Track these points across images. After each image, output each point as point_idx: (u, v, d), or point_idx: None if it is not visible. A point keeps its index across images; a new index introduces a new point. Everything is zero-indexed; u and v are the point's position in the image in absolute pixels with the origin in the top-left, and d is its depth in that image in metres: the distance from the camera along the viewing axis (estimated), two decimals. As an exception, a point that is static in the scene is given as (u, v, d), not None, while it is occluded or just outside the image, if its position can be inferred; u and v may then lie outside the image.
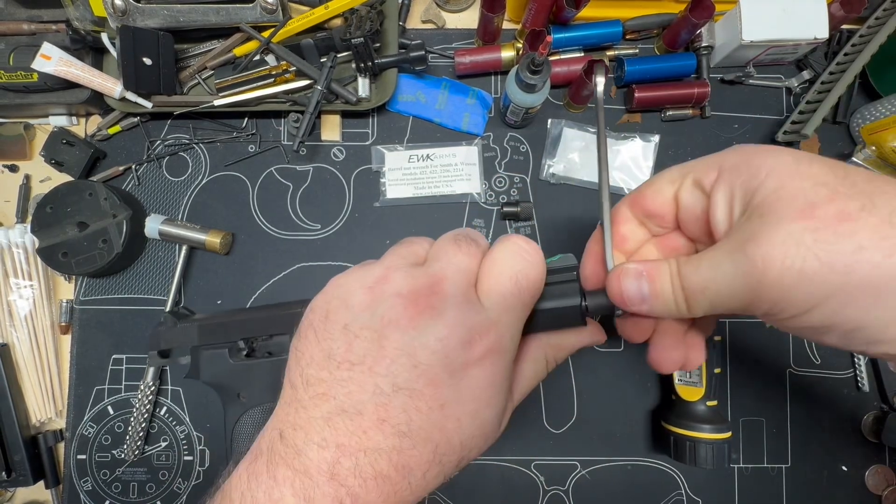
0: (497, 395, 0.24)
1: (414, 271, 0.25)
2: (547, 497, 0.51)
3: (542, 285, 0.26)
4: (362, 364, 0.23)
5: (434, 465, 0.23)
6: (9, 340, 0.51)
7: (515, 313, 0.25)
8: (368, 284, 0.25)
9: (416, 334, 0.23)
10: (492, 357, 0.24)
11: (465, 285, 0.25)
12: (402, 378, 0.23)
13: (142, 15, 0.47)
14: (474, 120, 0.54)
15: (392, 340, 0.23)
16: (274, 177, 0.54)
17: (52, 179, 0.54)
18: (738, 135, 0.54)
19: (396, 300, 0.24)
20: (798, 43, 0.50)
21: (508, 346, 0.24)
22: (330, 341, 0.24)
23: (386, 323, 0.23)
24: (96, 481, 0.50)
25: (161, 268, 0.53)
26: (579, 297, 0.27)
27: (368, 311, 0.24)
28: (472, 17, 0.56)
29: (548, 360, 0.29)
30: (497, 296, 0.24)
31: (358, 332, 0.24)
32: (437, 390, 0.23)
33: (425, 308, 0.23)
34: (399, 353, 0.23)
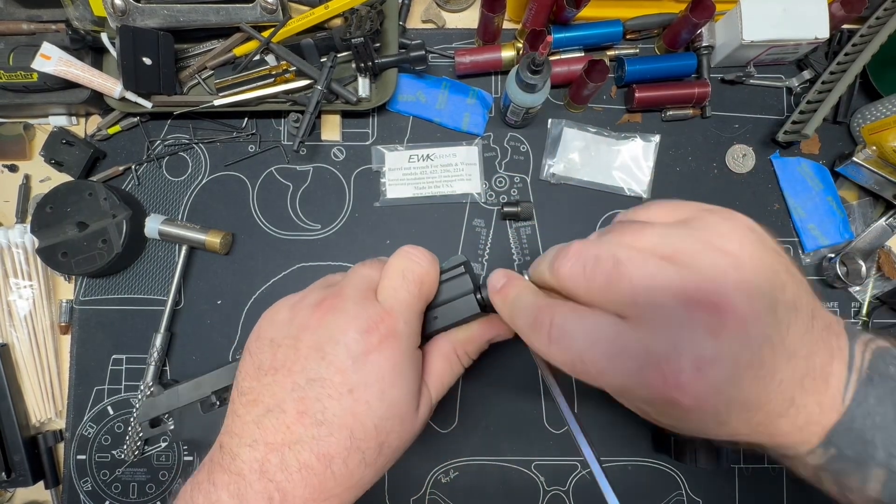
0: (401, 377, 0.27)
1: (327, 287, 0.30)
2: (547, 497, 0.51)
3: (431, 279, 0.30)
4: (283, 367, 0.26)
5: (353, 451, 0.26)
6: (9, 340, 0.51)
7: (407, 303, 0.28)
8: (290, 304, 0.29)
9: (322, 331, 0.27)
10: (389, 341, 0.27)
11: (364, 288, 0.29)
12: (313, 370, 0.26)
13: (142, 15, 0.47)
14: (474, 120, 0.54)
15: (305, 341, 0.27)
16: (274, 177, 0.54)
17: (51, 179, 0.54)
18: (739, 134, 0.54)
19: (309, 309, 0.28)
20: (798, 43, 0.50)
21: (404, 331, 0.27)
22: (259, 354, 0.28)
23: (301, 328, 0.27)
24: (96, 482, 0.50)
25: (161, 268, 0.53)
26: (471, 286, 0.31)
27: (289, 323, 0.28)
28: (473, 17, 0.56)
29: (459, 355, 0.32)
30: (388, 290, 0.28)
31: (281, 342, 0.27)
32: (344, 376, 0.26)
33: (328, 309, 0.27)
34: (310, 350, 0.26)
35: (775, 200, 0.54)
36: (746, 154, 0.54)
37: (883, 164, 0.50)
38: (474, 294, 0.31)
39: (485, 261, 0.53)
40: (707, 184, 0.54)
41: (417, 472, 0.51)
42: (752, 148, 0.54)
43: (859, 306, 0.53)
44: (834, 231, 0.53)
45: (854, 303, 0.53)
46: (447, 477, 0.51)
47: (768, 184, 0.54)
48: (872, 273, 0.53)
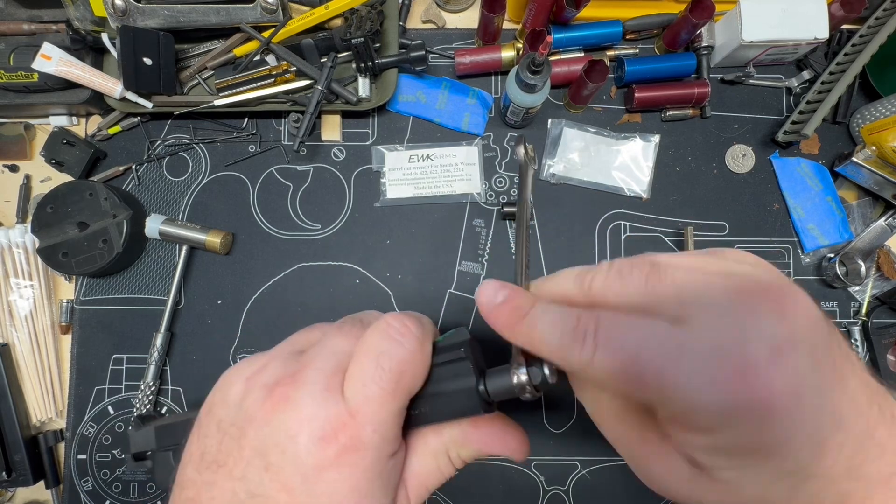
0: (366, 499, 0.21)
1: (289, 359, 0.23)
2: (547, 497, 0.51)
3: (416, 367, 0.22)
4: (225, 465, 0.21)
5: None
6: (9, 340, 0.51)
7: (378, 401, 0.21)
8: (247, 375, 0.23)
9: (269, 431, 0.21)
10: (349, 456, 0.20)
11: (329, 372, 0.22)
12: (254, 483, 0.20)
13: (142, 15, 0.47)
14: (474, 120, 0.54)
15: (249, 439, 0.21)
16: (274, 177, 0.54)
17: (52, 179, 0.54)
18: (739, 134, 0.54)
19: (260, 392, 0.22)
20: (798, 43, 0.50)
21: (372, 441, 0.21)
22: (206, 439, 0.22)
23: (247, 418, 0.21)
24: (97, 481, 0.50)
25: (161, 268, 0.53)
26: (472, 377, 0.23)
27: (239, 405, 0.22)
28: (473, 17, 0.56)
29: (451, 457, 0.26)
30: (357, 382, 0.21)
31: (227, 430, 0.22)
32: (290, 496, 0.20)
33: (280, 400, 0.21)
34: (253, 454, 0.21)
35: (775, 200, 0.54)
36: (746, 154, 0.54)
37: (882, 164, 0.50)
38: (476, 388, 0.23)
39: (485, 261, 0.53)
40: (707, 184, 0.54)
41: (417, 471, 0.51)
42: (752, 148, 0.54)
43: (859, 306, 0.53)
44: (833, 231, 0.53)
45: (853, 303, 0.53)
46: (447, 476, 0.51)
47: (768, 184, 0.54)
48: (872, 273, 0.53)
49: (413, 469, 0.25)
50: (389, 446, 0.22)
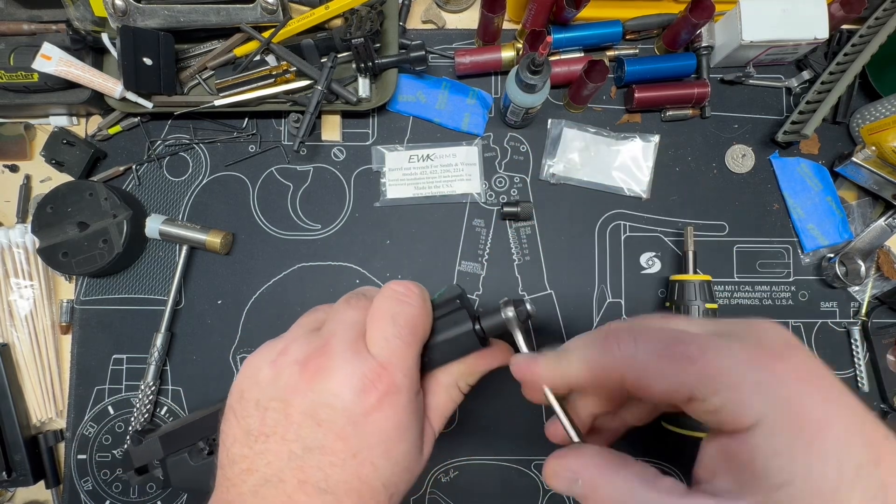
0: (406, 432, 0.25)
1: (310, 337, 0.27)
2: (547, 497, 0.51)
3: (425, 320, 0.27)
4: (275, 434, 0.24)
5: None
6: (9, 340, 0.51)
7: (402, 352, 0.25)
8: (272, 359, 0.26)
9: (314, 395, 0.24)
10: (389, 398, 0.24)
11: (352, 338, 0.26)
12: (310, 438, 0.24)
13: (142, 15, 0.47)
14: (474, 120, 0.54)
15: (295, 406, 0.24)
16: (274, 177, 0.54)
17: (52, 179, 0.54)
18: (738, 134, 0.54)
19: (294, 367, 0.25)
20: (798, 43, 0.50)
21: (404, 384, 0.25)
22: (247, 418, 0.25)
23: (289, 391, 0.25)
24: (97, 481, 0.50)
25: (161, 268, 0.53)
26: (469, 321, 0.28)
27: (273, 383, 0.25)
28: (473, 18, 0.56)
29: (460, 386, 0.30)
30: (381, 340, 0.25)
31: (268, 405, 0.25)
32: (345, 442, 0.24)
33: (317, 369, 0.25)
34: (303, 417, 0.24)
35: (775, 200, 0.54)
36: (746, 154, 0.54)
37: (882, 164, 0.50)
38: (473, 329, 0.28)
39: (485, 261, 0.53)
40: (706, 184, 0.54)
41: (417, 471, 0.51)
42: (752, 148, 0.54)
43: (858, 306, 0.53)
44: (833, 231, 0.53)
45: (853, 303, 0.53)
46: (447, 476, 0.51)
47: (768, 184, 0.54)
48: (872, 273, 0.53)
49: (431, 404, 0.29)
50: (415, 386, 0.26)
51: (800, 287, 0.53)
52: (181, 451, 0.41)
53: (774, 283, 0.53)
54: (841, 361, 0.52)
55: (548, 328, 0.52)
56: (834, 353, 0.52)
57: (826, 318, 0.53)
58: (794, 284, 0.53)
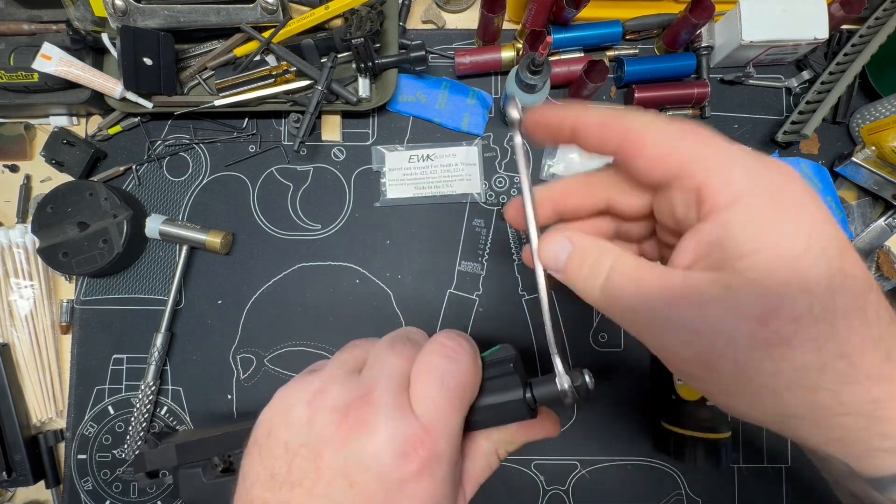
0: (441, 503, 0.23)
1: (349, 381, 0.24)
2: (547, 497, 0.51)
3: (474, 382, 0.25)
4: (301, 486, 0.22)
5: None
6: (9, 340, 0.51)
7: (448, 416, 0.23)
8: (307, 398, 0.24)
9: (350, 452, 0.22)
10: (430, 468, 0.22)
11: (397, 392, 0.23)
12: (339, 499, 0.22)
13: (142, 15, 0.47)
14: (474, 120, 0.54)
15: (327, 460, 0.22)
16: (274, 177, 0.54)
17: (52, 179, 0.54)
18: (739, 135, 0.54)
19: (331, 415, 0.23)
20: (798, 43, 0.50)
21: (446, 452, 0.23)
22: (272, 460, 0.23)
23: (322, 441, 0.23)
24: (97, 481, 0.50)
25: (161, 268, 0.53)
26: (521, 389, 0.26)
27: (307, 427, 0.23)
28: (473, 18, 0.56)
29: (499, 454, 0.29)
30: (427, 400, 0.23)
31: (297, 451, 0.23)
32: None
33: (357, 423, 0.22)
34: (335, 474, 0.22)
35: (775, 200, 0.54)
36: (746, 154, 0.54)
37: (882, 164, 0.50)
38: (523, 398, 0.26)
39: (485, 261, 0.53)
40: (706, 184, 0.54)
41: (417, 471, 0.51)
42: (752, 148, 0.54)
43: (858, 306, 0.53)
44: (833, 231, 0.53)
45: (853, 303, 0.53)
46: (447, 476, 0.51)
47: (768, 184, 0.54)
48: (871, 273, 0.53)
49: (468, 471, 0.27)
50: (457, 455, 0.24)
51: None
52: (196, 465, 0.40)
53: (774, 283, 0.53)
54: (841, 361, 0.52)
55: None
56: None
57: (826, 318, 0.53)
58: (794, 284, 0.53)
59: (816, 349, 0.17)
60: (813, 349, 0.17)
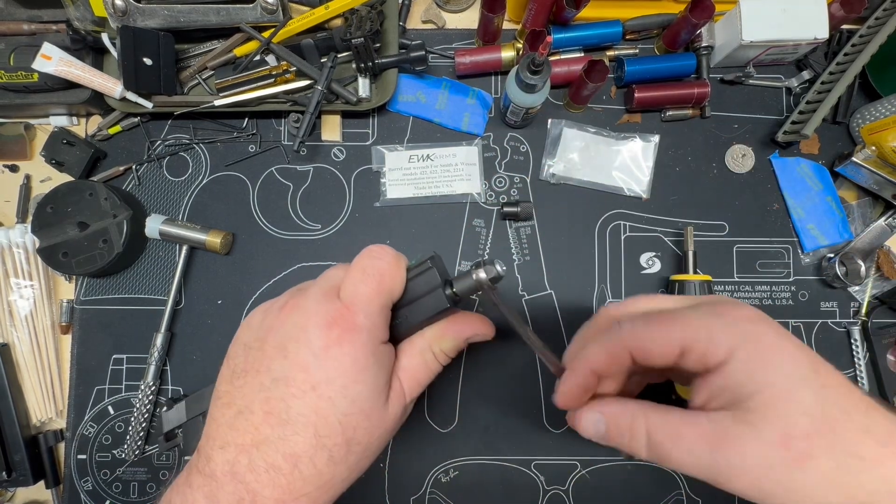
0: (364, 371, 0.26)
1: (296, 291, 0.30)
2: (547, 497, 0.51)
3: (392, 273, 0.29)
4: (252, 369, 0.27)
5: (319, 449, 0.25)
6: (9, 340, 0.51)
7: (367, 297, 0.27)
8: (264, 308, 0.29)
9: (285, 330, 0.27)
10: (349, 335, 0.26)
11: (327, 288, 0.28)
12: (278, 370, 0.26)
13: (142, 15, 0.47)
14: (474, 120, 0.54)
15: (269, 342, 0.27)
16: (274, 177, 0.54)
17: (52, 179, 0.54)
18: (738, 134, 0.54)
19: (276, 311, 0.28)
20: (798, 43, 0.50)
21: (365, 324, 0.27)
22: (234, 359, 0.28)
23: (267, 330, 0.28)
24: (97, 481, 0.50)
25: (161, 268, 0.53)
26: (438, 279, 0.29)
27: (259, 326, 0.28)
28: (473, 18, 0.56)
29: (435, 353, 0.31)
30: (349, 286, 0.28)
31: (251, 344, 0.28)
32: (307, 373, 0.26)
33: (290, 308, 0.28)
34: (275, 350, 0.27)
35: (775, 200, 0.54)
36: (746, 154, 0.54)
37: (882, 164, 0.50)
38: (443, 289, 0.29)
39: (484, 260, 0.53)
40: (706, 184, 0.54)
41: (417, 471, 0.51)
42: (752, 148, 0.54)
43: (858, 306, 0.53)
44: (833, 231, 0.53)
45: (853, 303, 0.53)
46: (447, 476, 0.51)
47: (768, 184, 0.54)
48: (872, 273, 0.53)
49: (404, 366, 0.30)
50: (379, 332, 0.28)
51: (800, 287, 0.53)
52: (197, 416, 0.43)
53: (774, 283, 0.53)
54: (841, 361, 0.52)
55: (548, 328, 0.52)
56: (834, 353, 0.52)
57: (826, 318, 0.53)
58: (794, 284, 0.53)
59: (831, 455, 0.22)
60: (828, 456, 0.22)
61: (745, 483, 0.23)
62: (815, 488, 0.22)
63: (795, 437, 0.22)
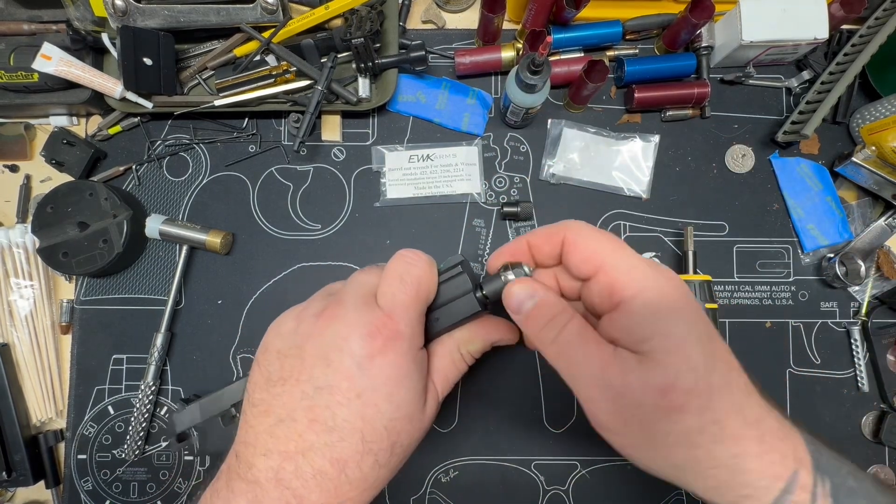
0: (407, 377, 0.27)
1: (328, 296, 0.30)
2: (547, 497, 0.51)
3: (429, 279, 0.29)
4: (291, 377, 0.27)
5: (365, 454, 0.26)
6: (9, 340, 0.51)
7: (406, 305, 0.28)
8: (294, 315, 0.29)
9: (325, 339, 0.27)
10: (392, 344, 0.27)
11: (363, 294, 0.29)
12: (321, 379, 0.26)
13: (142, 15, 0.47)
14: (474, 120, 0.54)
15: (309, 350, 0.27)
16: (274, 177, 0.54)
17: (52, 179, 0.54)
18: (738, 134, 0.54)
19: (312, 318, 0.28)
20: (798, 43, 0.50)
21: (406, 333, 0.28)
22: (268, 366, 0.28)
23: (305, 337, 0.28)
24: (97, 481, 0.50)
25: (161, 268, 0.53)
26: (470, 285, 0.31)
27: (294, 333, 0.28)
28: (473, 18, 0.56)
29: (463, 354, 0.32)
30: (387, 294, 0.28)
31: (287, 353, 0.28)
32: (351, 382, 0.26)
33: (329, 317, 0.28)
34: (316, 359, 0.27)
35: (774, 200, 0.54)
36: (746, 154, 0.54)
37: (882, 164, 0.50)
38: (474, 293, 0.30)
39: (485, 261, 0.53)
40: (706, 184, 0.54)
41: (417, 471, 0.51)
42: (752, 148, 0.54)
43: (858, 306, 0.53)
44: (833, 231, 0.53)
45: (853, 303, 0.53)
46: (447, 476, 0.51)
47: (767, 184, 0.54)
48: (872, 273, 0.53)
49: (435, 367, 0.31)
50: (418, 339, 0.29)
51: (800, 287, 0.53)
52: (215, 417, 0.43)
53: (774, 283, 0.53)
54: (841, 361, 0.52)
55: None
56: (834, 353, 0.52)
57: (826, 318, 0.53)
58: (794, 284, 0.53)
59: (699, 415, 0.23)
60: (696, 415, 0.23)
61: (610, 409, 0.25)
62: (669, 440, 0.24)
63: (676, 388, 0.23)
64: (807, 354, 0.52)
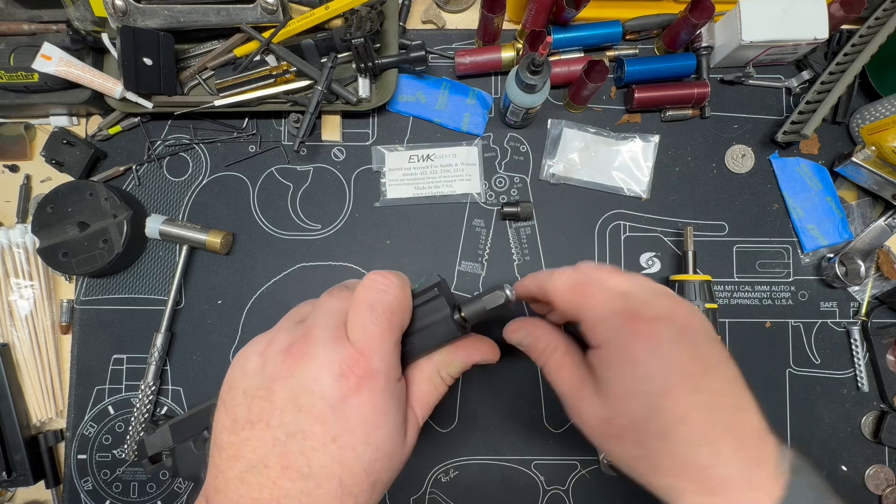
0: (385, 416, 0.26)
1: (294, 328, 0.28)
2: (547, 497, 0.51)
3: (403, 307, 0.28)
4: (260, 421, 0.25)
5: (345, 497, 0.25)
6: (9, 340, 0.51)
7: (379, 339, 0.26)
8: (259, 350, 0.27)
9: (295, 381, 0.25)
10: (367, 382, 0.25)
11: (333, 327, 0.27)
12: (292, 424, 0.24)
13: (142, 15, 0.47)
14: (474, 120, 0.54)
15: (278, 392, 0.25)
16: (274, 177, 0.54)
17: (52, 179, 0.54)
18: (738, 135, 0.54)
19: (278, 356, 0.26)
20: (798, 43, 0.50)
21: (381, 369, 0.26)
22: (234, 407, 0.26)
23: (272, 378, 0.25)
24: (97, 481, 0.50)
25: (161, 268, 0.53)
26: (447, 309, 0.29)
27: (260, 372, 0.26)
28: (473, 18, 0.56)
29: (443, 377, 0.31)
30: (359, 328, 0.26)
31: (254, 394, 0.26)
32: (325, 426, 0.24)
33: (299, 356, 0.25)
34: (285, 402, 0.25)
35: (774, 200, 0.54)
36: (746, 154, 0.54)
37: (882, 164, 0.50)
38: (451, 316, 0.29)
39: (485, 261, 0.53)
40: (706, 184, 0.54)
41: (417, 471, 0.51)
42: (752, 148, 0.54)
43: (858, 306, 0.53)
44: (833, 231, 0.53)
45: (853, 303, 0.53)
46: (447, 476, 0.51)
47: (767, 184, 0.54)
48: (871, 273, 0.53)
49: (415, 393, 0.30)
50: (394, 372, 0.27)
51: (800, 287, 0.53)
52: (187, 440, 0.43)
53: (774, 283, 0.53)
54: (841, 361, 0.52)
55: (548, 328, 0.52)
56: (834, 353, 0.53)
57: (826, 318, 0.53)
58: (794, 284, 0.53)
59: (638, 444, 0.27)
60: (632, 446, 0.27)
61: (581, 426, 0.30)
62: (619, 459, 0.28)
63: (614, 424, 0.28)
64: (807, 354, 0.52)
